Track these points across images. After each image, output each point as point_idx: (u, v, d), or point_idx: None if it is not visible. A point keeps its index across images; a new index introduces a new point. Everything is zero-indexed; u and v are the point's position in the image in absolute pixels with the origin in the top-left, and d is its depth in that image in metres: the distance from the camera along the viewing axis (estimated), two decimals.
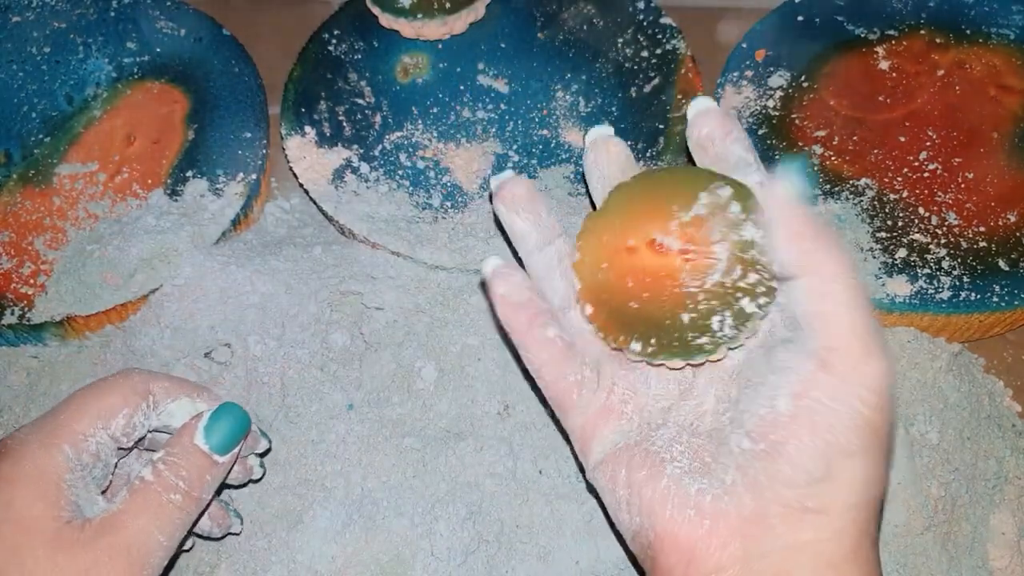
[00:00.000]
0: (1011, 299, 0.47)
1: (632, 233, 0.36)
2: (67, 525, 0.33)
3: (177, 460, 0.36)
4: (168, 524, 0.35)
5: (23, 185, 0.54)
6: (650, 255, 0.36)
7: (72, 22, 0.60)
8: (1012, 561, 0.45)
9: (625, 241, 0.36)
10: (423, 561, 0.43)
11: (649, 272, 0.36)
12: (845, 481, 0.31)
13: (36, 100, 0.57)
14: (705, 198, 0.35)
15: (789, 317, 0.34)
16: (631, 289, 0.36)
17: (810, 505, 0.31)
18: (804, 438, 0.31)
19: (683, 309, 0.35)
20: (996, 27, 0.55)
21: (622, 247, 0.36)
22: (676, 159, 0.53)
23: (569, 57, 0.58)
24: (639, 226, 0.36)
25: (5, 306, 0.50)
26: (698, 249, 0.35)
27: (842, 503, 0.31)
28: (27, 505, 0.33)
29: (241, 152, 0.55)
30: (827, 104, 0.54)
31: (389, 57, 0.59)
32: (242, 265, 0.50)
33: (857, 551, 0.32)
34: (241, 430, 0.38)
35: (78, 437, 0.35)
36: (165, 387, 0.39)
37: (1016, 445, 0.48)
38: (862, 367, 0.31)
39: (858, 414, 0.31)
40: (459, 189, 0.54)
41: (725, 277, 0.34)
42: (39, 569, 0.32)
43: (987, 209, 0.49)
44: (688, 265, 0.35)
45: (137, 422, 0.38)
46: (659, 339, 0.35)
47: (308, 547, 0.44)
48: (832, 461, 0.31)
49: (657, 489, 0.33)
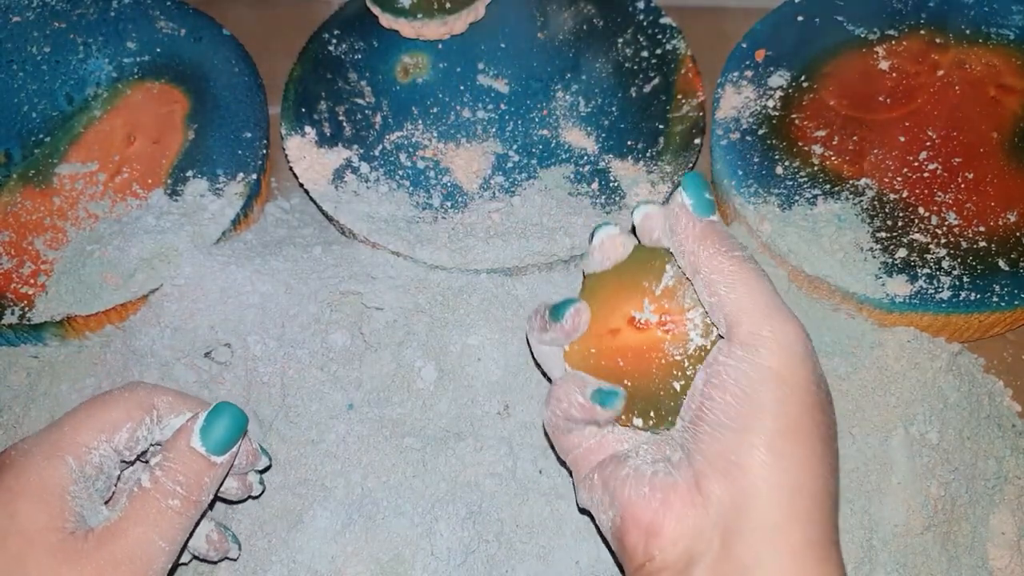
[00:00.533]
0: (1011, 299, 0.47)
1: (612, 316, 0.39)
2: (70, 536, 0.33)
3: (174, 465, 0.36)
4: (168, 529, 0.35)
5: (23, 185, 0.54)
6: (633, 333, 0.38)
7: (72, 22, 0.60)
8: (1012, 561, 0.45)
9: (607, 325, 0.39)
10: (423, 561, 0.43)
11: (634, 349, 0.38)
12: (762, 434, 0.33)
13: (36, 100, 0.57)
14: (671, 270, 0.38)
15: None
16: (622, 368, 0.38)
17: (733, 459, 0.33)
18: (716, 397, 0.34)
19: (673, 378, 0.37)
20: (996, 27, 0.55)
21: (605, 331, 0.39)
22: (676, 159, 0.53)
23: (569, 57, 0.58)
24: (617, 308, 0.39)
25: (5, 306, 0.50)
26: (674, 319, 0.38)
27: (760, 459, 0.33)
28: (31, 517, 0.33)
29: (241, 152, 0.55)
30: (827, 104, 0.54)
31: (389, 57, 0.59)
32: (242, 265, 0.50)
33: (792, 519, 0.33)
34: (237, 429, 0.38)
35: (82, 450, 0.36)
36: (168, 401, 0.39)
37: (1016, 445, 0.48)
38: (763, 328, 0.34)
39: (763, 368, 0.33)
40: (459, 189, 0.54)
41: (704, 339, 0.37)
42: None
43: (987, 209, 0.49)
44: (668, 335, 0.38)
45: (140, 436, 0.38)
46: (657, 411, 0.37)
47: (308, 547, 0.44)
48: (745, 413, 0.33)
49: (619, 477, 0.36)
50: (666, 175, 0.53)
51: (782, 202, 0.51)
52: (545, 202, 0.52)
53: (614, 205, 0.52)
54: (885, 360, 0.48)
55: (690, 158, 0.54)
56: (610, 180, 0.53)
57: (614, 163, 0.54)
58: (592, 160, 0.54)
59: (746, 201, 0.51)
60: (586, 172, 0.54)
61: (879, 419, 0.46)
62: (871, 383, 0.47)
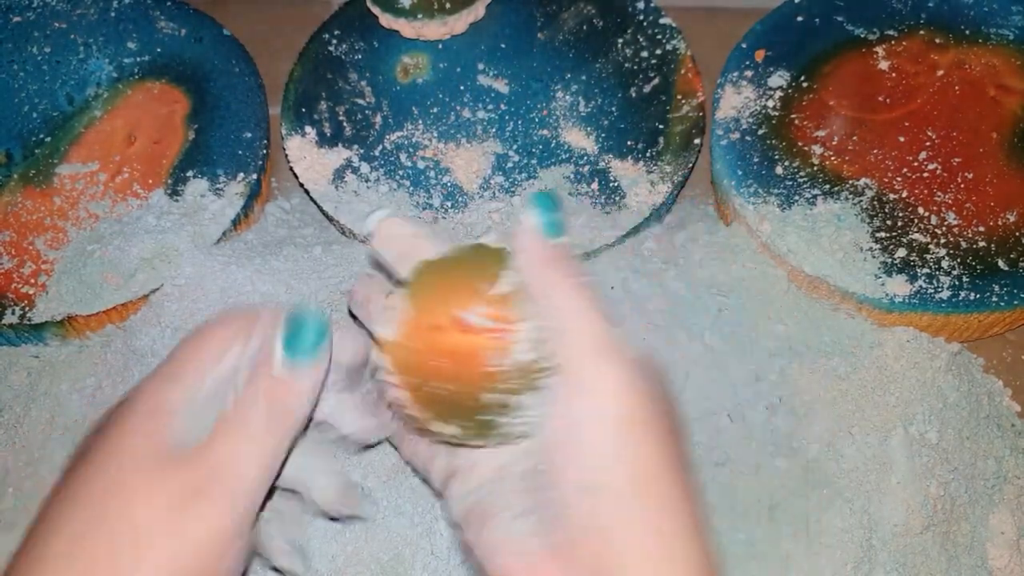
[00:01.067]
0: (1010, 299, 0.47)
1: (437, 311, 0.35)
2: (169, 457, 0.33)
3: (258, 381, 0.35)
4: (257, 446, 0.34)
5: (24, 185, 0.54)
6: (457, 335, 0.34)
7: (73, 22, 0.60)
8: (1011, 561, 0.45)
9: (432, 320, 0.35)
10: (423, 560, 0.43)
11: (457, 353, 0.34)
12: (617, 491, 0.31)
13: (37, 100, 0.57)
14: (508, 275, 0.35)
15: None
16: (444, 371, 0.35)
17: (594, 524, 0.31)
18: (559, 454, 0.32)
19: (486, 390, 0.34)
20: (995, 27, 0.55)
21: (428, 327, 0.35)
22: (676, 159, 0.54)
23: (569, 57, 0.58)
24: (445, 303, 0.35)
25: (6, 306, 0.50)
26: (503, 328, 0.34)
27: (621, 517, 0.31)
28: (136, 437, 0.33)
29: (241, 152, 0.55)
30: (827, 104, 0.54)
31: (389, 57, 0.59)
32: (242, 265, 0.50)
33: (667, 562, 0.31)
34: (318, 333, 0.35)
35: (191, 378, 0.35)
36: (266, 321, 0.37)
37: (1015, 445, 0.48)
38: (601, 367, 0.32)
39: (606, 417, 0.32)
40: (459, 189, 0.54)
41: (532, 356, 0.34)
42: (142, 494, 0.32)
43: (986, 209, 0.49)
44: (494, 345, 0.34)
45: (241, 365, 0.37)
46: (477, 424, 0.34)
47: (308, 546, 0.44)
48: (595, 469, 0.32)
49: (492, 539, 0.33)
50: (666, 175, 0.53)
51: (782, 202, 0.51)
52: None
53: (614, 205, 0.53)
54: (885, 360, 0.48)
55: (690, 158, 0.54)
56: (610, 180, 0.53)
57: (614, 163, 0.54)
58: (592, 160, 0.54)
59: (746, 201, 0.51)
60: (586, 172, 0.54)
61: (878, 419, 0.46)
62: (871, 383, 0.47)
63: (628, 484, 0.32)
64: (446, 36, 0.59)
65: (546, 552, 0.32)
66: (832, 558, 0.43)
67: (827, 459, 0.46)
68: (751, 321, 0.50)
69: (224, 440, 0.34)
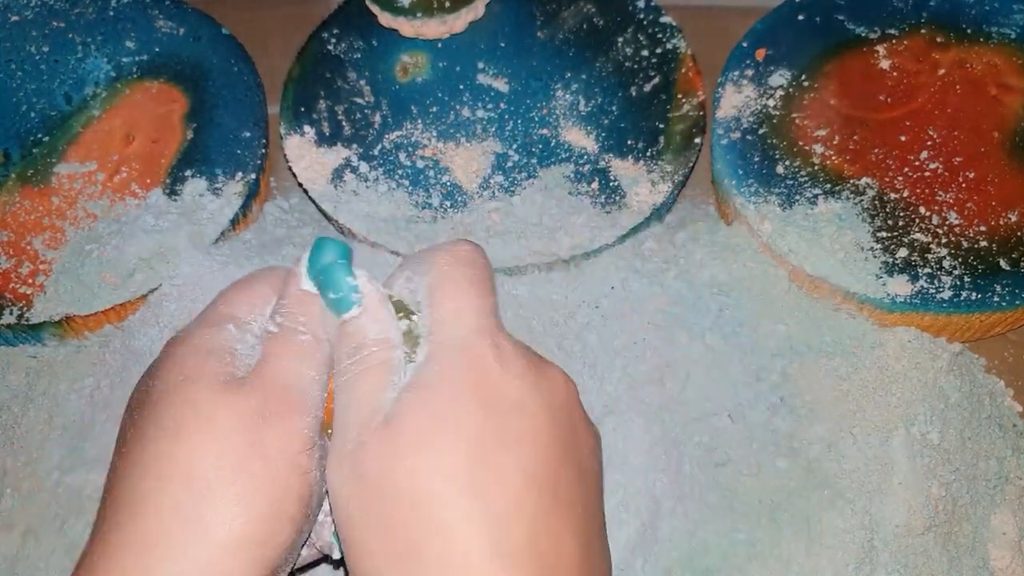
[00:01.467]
0: (1012, 299, 0.47)
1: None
2: (232, 378, 0.35)
3: (290, 307, 0.37)
4: (309, 357, 0.36)
5: (21, 184, 0.54)
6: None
7: (71, 21, 0.60)
8: (1013, 561, 0.45)
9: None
10: None
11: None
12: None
13: (35, 99, 0.57)
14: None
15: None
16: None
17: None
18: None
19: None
20: (997, 26, 0.55)
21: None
22: (676, 158, 0.53)
23: (569, 56, 0.58)
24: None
25: (3, 306, 0.50)
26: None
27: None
28: (198, 368, 0.35)
29: (240, 151, 0.55)
30: (828, 103, 0.54)
31: (388, 56, 0.59)
32: (241, 265, 0.50)
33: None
34: (340, 256, 0.37)
35: (239, 320, 0.37)
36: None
37: (1017, 445, 0.47)
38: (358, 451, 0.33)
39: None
40: (459, 189, 0.54)
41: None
42: (210, 413, 0.33)
43: (988, 208, 0.49)
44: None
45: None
46: None
47: None
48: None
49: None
50: (666, 174, 0.53)
51: (783, 201, 0.51)
52: (545, 202, 0.52)
53: (614, 204, 0.52)
54: (886, 360, 0.48)
55: (690, 157, 0.54)
56: (610, 179, 0.53)
57: (614, 162, 0.54)
58: (592, 159, 0.54)
59: (746, 201, 0.51)
60: (586, 171, 0.54)
61: (880, 419, 0.46)
62: (872, 383, 0.47)
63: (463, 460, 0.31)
64: (445, 35, 0.59)
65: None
66: (833, 559, 0.43)
67: (828, 459, 0.46)
68: (752, 321, 0.49)
69: (279, 356, 0.35)
